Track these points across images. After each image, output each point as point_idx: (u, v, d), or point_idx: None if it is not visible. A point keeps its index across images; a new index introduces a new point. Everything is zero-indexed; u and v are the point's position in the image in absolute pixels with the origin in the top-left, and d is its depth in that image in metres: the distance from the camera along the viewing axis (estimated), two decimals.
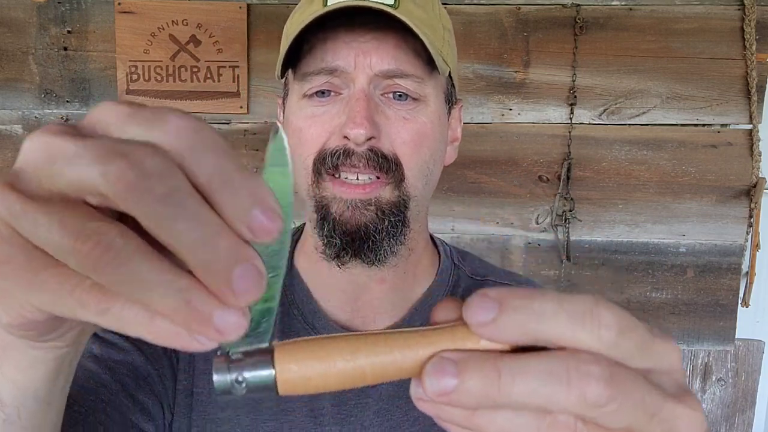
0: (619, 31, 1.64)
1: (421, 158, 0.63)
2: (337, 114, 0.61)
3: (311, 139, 0.62)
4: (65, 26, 1.68)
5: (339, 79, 0.61)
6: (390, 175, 0.61)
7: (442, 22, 0.68)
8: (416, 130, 0.62)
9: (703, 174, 1.66)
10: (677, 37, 1.63)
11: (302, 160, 0.63)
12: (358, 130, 0.58)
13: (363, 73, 0.60)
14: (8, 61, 1.68)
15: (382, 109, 0.61)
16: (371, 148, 0.60)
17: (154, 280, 0.22)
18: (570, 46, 1.64)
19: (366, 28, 0.61)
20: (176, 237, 0.22)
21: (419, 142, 0.63)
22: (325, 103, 0.62)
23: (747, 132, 1.65)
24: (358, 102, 0.59)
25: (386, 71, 0.61)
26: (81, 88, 1.69)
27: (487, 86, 1.66)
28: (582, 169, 1.67)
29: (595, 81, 1.65)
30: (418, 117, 0.63)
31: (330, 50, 0.61)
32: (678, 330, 1.70)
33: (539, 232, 1.70)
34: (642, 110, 1.65)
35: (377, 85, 0.62)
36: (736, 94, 1.64)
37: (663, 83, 1.64)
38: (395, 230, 0.62)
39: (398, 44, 0.61)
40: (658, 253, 1.69)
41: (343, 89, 0.62)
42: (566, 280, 1.70)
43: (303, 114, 0.63)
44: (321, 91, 0.62)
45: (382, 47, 0.61)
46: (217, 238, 0.22)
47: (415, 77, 0.62)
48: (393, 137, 0.61)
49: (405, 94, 0.62)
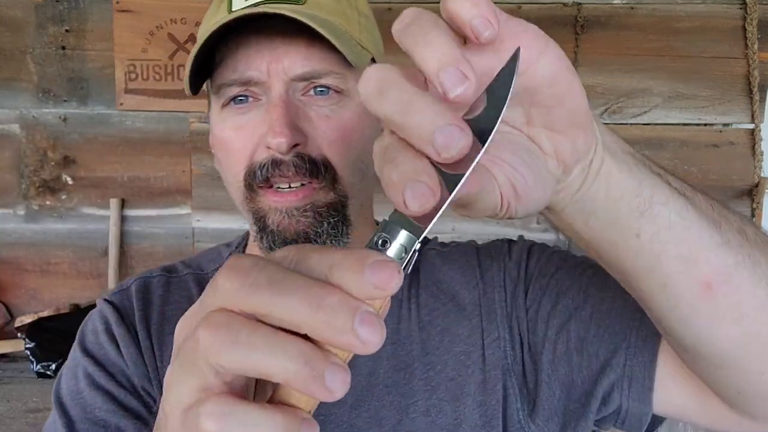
0: (621, 30, 1.63)
1: (352, 155, 0.62)
2: (259, 123, 0.60)
3: (238, 151, 0.60)
4: (63, 25, 1.67)
5: (255, 87, 0.60)
6: (322, 178, 0.60)
7: (357, 7, 0.66)
8: (342, 127, 0.61)
9: (705, 173, 1.66)
10: (679, 36, 1.62)
11: (233, 173, 0.61)
12: (279, 140, 0.56)
13: (278, 80, 0.58)
14: (6, 61, 1.68)
15: (303, 112, 0.60)
16: (298, 154, 0.58)
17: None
18: (571, 45, 1.63)
19: (275, 31, 0.58)
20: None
21: (347, 138, 0.61)
22: (245, 110, 0.60)
23: (749, 131, 1.64)
24: (277, 110, 0.58)
25: (301, 74, 0.59)
26: (79, 87, 1.68)
27: None
28: None
29: (597, 80, 1.64)
30: (342, 113, 0.61)
31: (241, 60, 0.59)
32: None
33: (540, 232, 1.69)
34: (644, 109, 1.64)
35: (295, 88, 0.60)
36: (738, 93, 1.63)
37: (665, 82, 1.63)
38: (336, 231, 0.61)
39: (310, 43, 0.59)
40: None
41: (261, 95, 0.60)
42: None
43: (226, 125, 0.61)
44: (238, 98, 0.60)
45: (293, 50, 0.58)
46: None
47: (334, 73, 0.60)
48: (319, 140, 0.60)
49: (327, 88, 0.60)
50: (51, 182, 1.71)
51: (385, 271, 0.26)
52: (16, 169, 1.71)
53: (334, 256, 0.27)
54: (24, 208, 1.72)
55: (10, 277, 1.72)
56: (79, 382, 0.63)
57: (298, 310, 0.25)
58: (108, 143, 1.70)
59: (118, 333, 0.64)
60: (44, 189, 1.71)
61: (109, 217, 1.69)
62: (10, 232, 1.72)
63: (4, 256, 1.72)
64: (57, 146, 1.70)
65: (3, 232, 1.72)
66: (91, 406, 0.61)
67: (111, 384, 0.62)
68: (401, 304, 0.66)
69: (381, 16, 1.86)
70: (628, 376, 0.54)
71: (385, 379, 0.62)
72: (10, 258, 1.72)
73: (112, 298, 0.68)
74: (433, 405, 0.61)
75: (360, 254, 0.26)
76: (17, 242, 1.72)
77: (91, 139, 1.70)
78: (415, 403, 0.61)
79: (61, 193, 1.71)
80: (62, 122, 1.69)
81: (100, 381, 0.62)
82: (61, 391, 0.64)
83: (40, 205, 1.71)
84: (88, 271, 1.72)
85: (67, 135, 1.70)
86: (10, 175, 1.71)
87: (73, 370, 0.64)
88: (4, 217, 1.72)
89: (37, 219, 1.72)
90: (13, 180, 1.71)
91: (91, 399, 0.61)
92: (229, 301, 0.26)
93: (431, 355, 0.63)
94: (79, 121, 1.69)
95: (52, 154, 1.70)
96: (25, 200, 1.71)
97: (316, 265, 0.27)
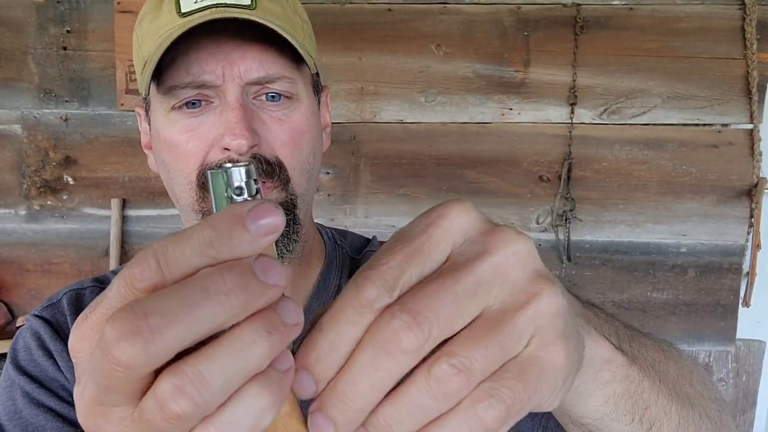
0: (620, 30, 1.63)
1: (302, 156, 0.63)
2: (213, 125, 0.60)
3: (190, 153, 0.61)
4: (64, 26, 1.67)
5: (209, 91, 0.60)
6: (275, 179, 0.61)
7: (299, 14, 0.67)
8: (293, 130, 0.62)
9: (704, 174, 1.66)
10: (678, 37, 1.63)
11: (184, 175, 0.62)
12: (239, 141, 0.57)
13: (233, 84, 0.59)
14: (7, 61, 1.68)
15: (257, 115, 0.61)
16: (254, 155, 0.59)
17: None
18: (570, 46, 1.63)
19: (228, 35, 0.59)
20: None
21: (298, 141, 0.62)
22: (197, 113, 0.61)
23: (748, 132, 1.64)
24: (235, 112, 0.58)
25: (256, 79, 0.60)
26: (80, 87, 1.69)
27: (487, 86, 1.66)
28: (582, 169, 1.66)
29: (596, 80, 1.64)
30: (293, 116, 0.62)
31: (194, 63, 0.59)
32: (679, 330, 1.70)
33: (540, 232, 1.69)
34: (643, 110, 1.65)
35: (248, 92, 0.61)
36: (737, 93, 1.63)
37: (664, 83, 1.64)
38: (288, 230, 0.62)
39: (263, 47, 0.60)
40: (658, 253, 1.68)
41: (214, 98, 0.61)
42: (567, 280, 1.69)
43: (176, 128, 0.61)
44: (191, 101, 0.61)
45: (247, 54, 0.59)
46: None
47: (286, 78, 0.61)
48: (272, 141, 0.61)
49: (278, 94, 0.62)
50: (52, 182, 1.71)
51: (264, 212, 0.23)
52: (17, 170, 1.71)
53: (199, 236, 0.23)
54: (25, 208, 1.72)
55: (12, 277, 1.73)
56: (16, 402, 0.62)
57: (214, 315, 0.22)
58: (109, 143, 1.70)
59: (54, 348, 0.64)
60: (45, 189, 1.72)
61: (110, 217, 1.69)
62: (12, 232, 1.72)
63: (5, 256, 1.73)
64: (58, 146, 1.70)
65: (4, 232, 1.72)
66: (33, 425, 0.61)
67: (52, 400, 0.61)
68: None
69: (381, 17, 1.87)
70: None
71: None
72: (12, 258, 1.73)
73: (42, 313, 0.67)
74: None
75: (226, 214, 0.23)
76: (18, 242, 1.73)
77: (92, 139, 1.70)
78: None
79: (62, 193, 1.72)
80: (63, 122, 1.70)
81: (39, 398, 0.61)
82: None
83: (41, 205, 1.72)
84: (89, 271, 1.72)
85: (69, 135, 1.70)
86: (11, 175, 1.71)
87: (9, 390, 0.63)
88: (5, 217, 1.72)
89: (39, 219, 1.72)
90: (15, 180, 1.71)
91: (32, 418, 0.61)
92: (143, 368, 0.22)
93: None
94: (80, 121, 1.70)
95: (54, 154, 1.71)
96: (26, 200, 1.72)
97: (191, 256, 0.23)
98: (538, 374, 0.26)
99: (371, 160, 1.69)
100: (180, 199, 0.64)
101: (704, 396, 0.45)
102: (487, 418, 0.25)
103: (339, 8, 1.63)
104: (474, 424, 0.25)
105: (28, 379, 0.63)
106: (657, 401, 0.40)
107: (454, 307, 0.25)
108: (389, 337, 0.25)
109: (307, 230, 0.69)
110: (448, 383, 0.25)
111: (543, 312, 0.27)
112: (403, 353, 0.25)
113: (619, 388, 0.38)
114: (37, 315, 0.68)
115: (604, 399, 0.38)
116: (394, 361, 0.25)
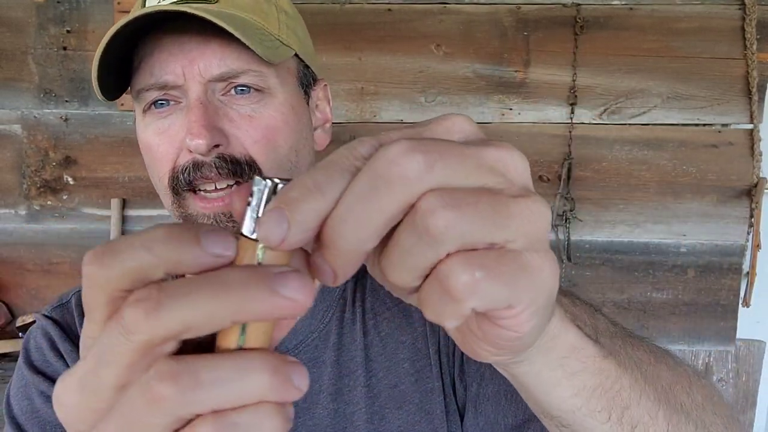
0: (620, 30, 1.63)
1: (278, 154, 0.61)
2: (180, 127, 0.59)
3: (162, 157, 0.60)
4: (64, 26, 1.67)
5: (174, 91, 0.59)
6: (247, 178, 0.58)
7: (277, 4, 0.64)
8: (265, 126, 0.60)
9: (704, 174, 1.66)
10: (678, 37, 1.63)
11: (160, 178, 0.61)
12: (197, 141, 0.56)
13: (194, 82, 0.58)
14: (7, 61, 1.68)
15: (224, 112, 0.59)
16: (220, 155, 0.57)
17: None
18: (570, 46, 1.63)
19: (191, 32, 0.58)
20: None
21: (272, 137, 0.60)
22: (165, 113, 0.60)
23: (748, 132, 1.64)
24: (194, 112, 0.57)
25: (218, 75, 0.58)
26: (80, 87, 1.69)
27: (487, 86, 1.66)
28: (582, 169, 1.66)
29: (596, 80, 1.64)
30: (264, 111, 0.60)
31: (156, 64, 0.58)
32: (679, 330, 1.70)
33: None
34: (642, 110, 1.65)
35: (214, 89, 0.59)
36: (736, 93, 1.63)
37: (664, 83, 1.64)
38: None
39: (225, 43, 0.57)
40: (658, 253, 1.68)
41: (181, 98, 0.60)
42: (567, 280, 1.69)
43: (150, 131, 0.61)
44: (159, 102, 0.60)
45: (208, 51, 0.58)
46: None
47: (252, 71, 0.59)
48: (243, 139, 0.59)
49: (247, 87, 0.59)
50: (52, 182, 1.71)
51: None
52: (17, 170, 1.71)
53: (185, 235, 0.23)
54: (25, 208, 1.72)
55: (12, 277, 1.73)
56: (33, 401, 0.62)
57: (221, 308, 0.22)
58: (109, 143, 1.70)
59: (64, 349, 0.64)
60: (45, 189, 1.72)
61: (110, 217, 1.69)
62: (12, 232, 1.72)
63: (5, 256, 1.73)
64: (58, 146, 1.70)
65: (4, 232, 1.72)
66: (50, 423, 0.61)
67: None
68: (345, 307, 0.65)
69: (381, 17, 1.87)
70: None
71: (329, 386, 0.62)
72: (12, 258, 1.73)
73: (52, 313, 0.68)
74: (375, 412, 0.61)
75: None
76: (18, 242, 1.73)
77: (93, 139, 1.70)
78: (358, 411, 0.61)
79: (62, 193, 1.72)
80: (63, 122, 1.70)
81: None
82: (14, 412, 0.63)
83: (41, 205, 1.72)
84: None
85: (69, 135, 1.70)
86: (11, 176, 1.71)
87: (24, 390, 0.63)
88: (5, 217, 1.72)
89: (39, 219, 1.72)
90: (15, 180, 1.71)
91: (49, 416, 0.61)
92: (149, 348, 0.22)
93: (373, 362, 0.62)
94: (80, 121, 1.70)
95: (54, 154, 1.71)
96: (26, 200, 1.72)
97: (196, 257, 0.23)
98: (521, 268, 0.24)
99: None
100: (163, 201, 0.63)
101: (705, 409, 0.42)
102: (457, 283, 0.23)
103: (339, 8, 1.63)
104: (439, 287, 0.24)
105: (43, 378, 0.63)
106: (640, 402, 0.38)
107: (459, 160, 0.24)
108: (390, 161, 0.23)
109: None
110: (434, 217, 0.23)
111: (534, 215, 0.25)
112: (401, 182, 0.23)
113: (590, 381, 0.36)
114: (47, 315, 0.68)
115: (573, 391, 0.36)
116: (391, 192, 0.23)
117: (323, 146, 0.71)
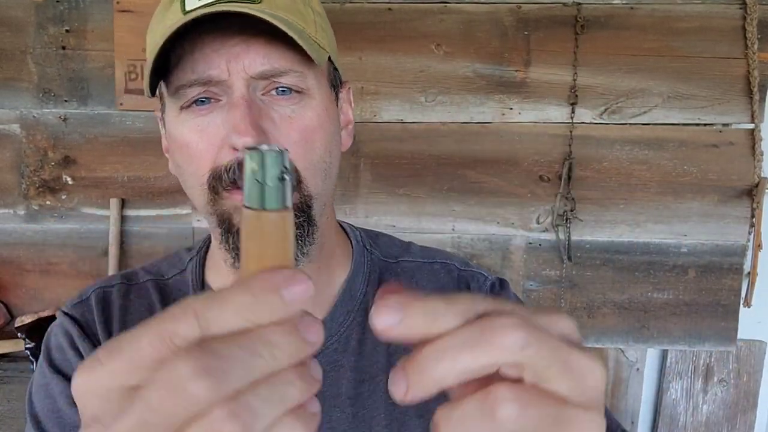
0: (621, 30, 1.63)
1: (315, 155, 0.61)
2: (221, 124, 0.58)
3: (202, 154, 0.59)
4: (63, 25, 1.67)
5: (216, 87, 0.58)
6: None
7: (311, 6, 0.64)
8: (304, 128, 0.60)
9: (705, 174, 1.66)
10: (678, 36, 1.62)
11: (197, 176, 0.60)
12: (245, 139, 0.55)
13: (239, 78, 0.57)
14: (6, 61, 1.68)
15: (266, 112, 0.59)
16: None
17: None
18: (571, 45, 1.63)
19: (233, 31, 0.57)
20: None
21: (310, 139, 0.60)
22: (206, 111, 0.59)
23: (749, 131, 1.64)
24: (239, 109, 0.56)
25: (261, 72, 0.58)
26: (79, 87, 1.68)
27: (487, 85, 1.65)
28: (583, 169, 1.66)
29: (596, 80, 1.64)
30: (304, 113, 0.60)
31: (199, 60, 0.58)
32: (679, 330, 1.70)
33: (540, 232, 1.69)
34: (643, 109, 1.64)
35: (256, 87, 0.59)
36: (737, 93, 1.63)
37: (664, 82, 1.63)
38: (302, 231, 0.60)
39: (269, 41, 0.58)
40: (659, 253, 1.68)
41: (221, 96, 0.59)
42: (567, 280, 1.69)
43: (187, 128, 0.60)
44: (199, 99, 0.59)
45: (252, 48, 0.57)
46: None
47: (294, 72, 0.59)
48: (282, 140, 0.58)
49: (288, 88, 0.59)
50: (51, 182, 1.71)
51: (298, 281, 0.26)
52: (16, 169, 1.71)
53: (238, 300, 0.26)
54: (24, 208, 1.72)
55: (11, 277, 1.72)
56: (55, 401, 0.62)
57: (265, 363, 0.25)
58: (108, 143, 1.70)
59: (83, 347, 0.64)
60: (44, 189, 1.71)
61: (109, 217, 1.69)
62: (11, 232, 1.72)
63: (4, 256, 1.72)
64: (57, 146, 1.70)
65: (3, 232, 1.72)
66: (70, 425, 0.61)
67: None
68: (366, 313, 0.64)
69: (381, 16, 1.87)
70: None
71: (348, 390, 0.62)
72: (11, 258, 1.72)
73: (71, 311, 0.67)
74: (395, 419, 0.61)
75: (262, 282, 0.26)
76: (17, 242, 1.72)
77: (92, 139, 1.70)
78: (378, 416, 0.61)
79: (61, 193, 1.71)
80: (62, 122, 1.69)
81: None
82: (35, 409, 0.63)
83: (40, 205, 1.72)
84: (88, 271, 1.72)
85: (68, 135, 1.70)
86: (10, 175, 1.71)
87: (45, 389, 0.63)
88: (4, 216, 1.72)
89: (38, 219, 1.72)
90: (14, 180, 1.71)
91: (70, 419, 0.61)
92: (211, 404, 0.24)
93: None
94: (79, 121, 1.69)
95: (53, 154, 1.70)
96: (25, 200, 1.71)
97: (230, 318, 0.26)
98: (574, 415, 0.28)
99: (371, 160, 1.68)
100: (194, 200, 0.63)
101: None
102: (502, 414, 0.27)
103: (339, 8, 1.63)
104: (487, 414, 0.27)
105: (63, 378, 0.63)
106: None
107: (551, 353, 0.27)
108: (500, 325, 0.27)
109: (326, 232, 0.67)
110: (502, 406, 0.26)
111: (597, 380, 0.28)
112: (501, 348, 0.26)
113: None
114: (67, 313, 0.67)
115: None
116: (488, 352, 0.27)
117: (346, 147, 0.70)
